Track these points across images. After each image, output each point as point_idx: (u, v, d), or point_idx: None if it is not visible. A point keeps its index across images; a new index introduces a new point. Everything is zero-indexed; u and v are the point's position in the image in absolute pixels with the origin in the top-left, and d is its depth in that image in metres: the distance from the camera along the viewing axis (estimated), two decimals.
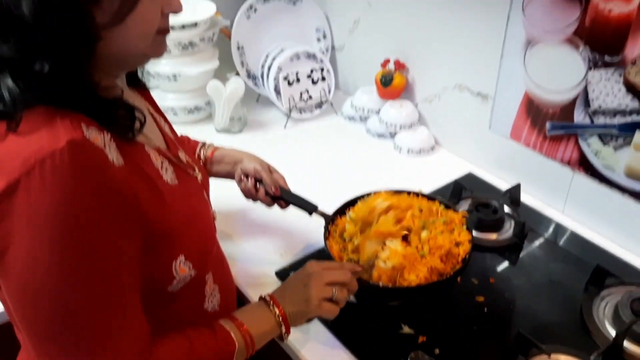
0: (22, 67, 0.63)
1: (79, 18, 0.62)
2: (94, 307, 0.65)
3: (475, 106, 1.35)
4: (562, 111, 1.17)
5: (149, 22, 0.70)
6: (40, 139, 0.61)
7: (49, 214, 0.60)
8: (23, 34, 0.62)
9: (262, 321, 0.86)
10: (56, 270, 0.62)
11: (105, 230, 0.64)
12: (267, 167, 1.12)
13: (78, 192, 0.61)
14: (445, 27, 1.35)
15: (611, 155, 1.12)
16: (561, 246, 1.18)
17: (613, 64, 1.06)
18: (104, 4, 0.64)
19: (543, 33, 1.14)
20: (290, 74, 1.59)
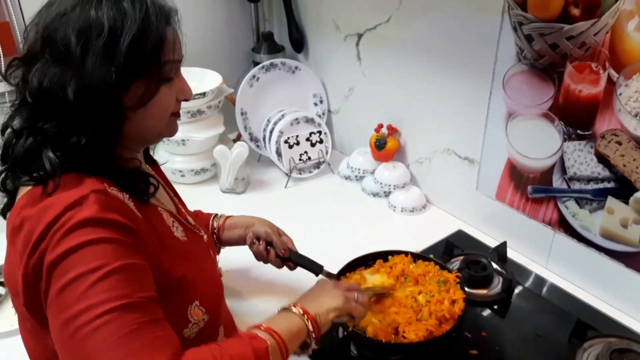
0: (61, 141, 0.76)
1: (112, 102, 0.76)
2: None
3: (463, 169, 1.48)
4: (541, 176, 1.30)
5: (166, 107, 0.84)
6: (70, 192, 0.73)
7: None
8: (65, 114, 0.75)
9: (287, 321, 0.87)
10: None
11: (132, 247, 0.74)
12: (277, 230, 1.21)
13: (103, 218, 0.72)
14: (434, 97, 1.49)
15: (587, 217, 1.23)
16: (546, 299, 1.29)
17: (585, 137, 1.19)
18: (131, 91, 0.77)
19: (522, 107, 1.28)
20: (291, 138, 1.71)
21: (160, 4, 0.80)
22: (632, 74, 1.07)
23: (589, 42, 1.11)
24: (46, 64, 0.75)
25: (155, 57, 0.78)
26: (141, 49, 0.76)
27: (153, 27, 0.76)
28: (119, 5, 0.75)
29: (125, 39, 0.74)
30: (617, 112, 1.11)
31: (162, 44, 0.78)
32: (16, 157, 0.79)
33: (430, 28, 1.42)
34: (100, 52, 0.73)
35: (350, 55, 1.70)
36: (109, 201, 0.75)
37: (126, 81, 0.76)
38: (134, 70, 0.76)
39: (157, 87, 0.80)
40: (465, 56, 1.36)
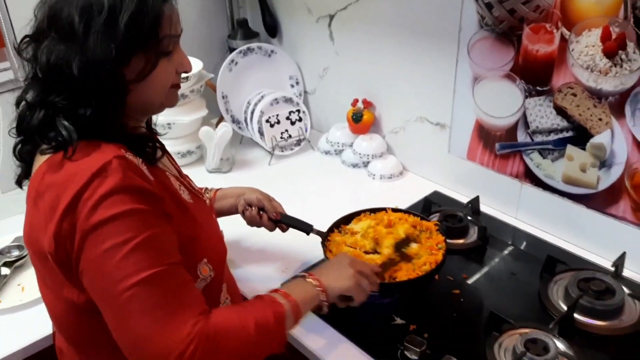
0: (71, 113, 0.82)
1: (114, 76, 0.82)
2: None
3: (435, 134, 1.59)
4: (507, 133, 1.42)
5: (165, 79, 0.89)
6: (93, 158, 0.80)
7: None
8: (72, 88, 0.81)
9: (302, 289, 0.97)
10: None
11: (155, 214, 0.82)
12: (267, 196, 1.30)
13: (128, 185, 0.79)
14: (405, 69, 1.60)
15: (550, 166, 1.36)
16: (517, 245, 1.41)
17: (544, 92, 1.31)
18: (132, 65, 0.83)
19: (486, 71, 1.40)
20: (272, 117, 1.80)
21: None
22: (581, 31, 1.19)
23: (542, 5, 1.23)
24: (53, 41, 0.81)
25: (153, 33, 0.83)
26: (139, 25, 0.81)
27: (150, 4, 0.81)
28: None
29: (124, 16, 0.79)
30: (571, 67, 1.24)
31: (160, 20, 0.83)
32: (31, 128, 0.85)
33: (398, 3, 1.52)
34: (101, 30, 0.79)
35: (323, 36, 1.80)
36: (130, 166, 0.81)
37: (126, 56, 0.81)
38: (133, 46, 0.81)
39: (157, 61, 0.85)
40: (431, 28, 1.47)
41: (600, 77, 1.19)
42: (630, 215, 1.25)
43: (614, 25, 1.15)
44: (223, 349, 0.81)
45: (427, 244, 1.24)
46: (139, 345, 0.78)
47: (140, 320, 0.77)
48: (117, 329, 0.79)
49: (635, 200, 1.23)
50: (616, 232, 1.28)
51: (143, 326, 0.77)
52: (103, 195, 0.77)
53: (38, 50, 0.83)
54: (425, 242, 1.25)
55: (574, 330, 1.13)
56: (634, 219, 1.25)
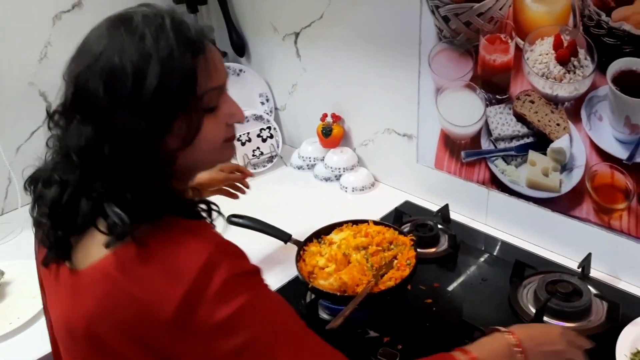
0: (116, 197, 0.72)
1: (153, 149, 0.72)
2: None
3: (403, 145, 1.62)
4: (471, 141, 1.45)
5: (214, 137, 0.78)
6: (191, 249, 0.70)
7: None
8: (111, 169, 0.71)
9: (498, 352, 0.87)
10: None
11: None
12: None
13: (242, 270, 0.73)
14: (370, 82, 1.62)
15: (514, 172, 1.39)
16: (488, 251, 1.43)
17: (503, 100, 1.34)
18: (174, 132, 0.73)
19: (447, 82, 1.43)
20: (242, 135, 1.81)
21: (186, 33, 0.74)
22: (535, 40, 1.23)
23: (497, 16, 1.27)
24: (80, 121, 0.72)
25: (189, 92, 0.73)
26: (170, 88, 0.70)
27: (177, 62, 0.71)
28: (141, 46, 0.70)
29: (151, 82, 0.69)
30: (527, 75, 1.27)
31: (193, 77, 0.73)
32: (78, 217, 0.74)
33: (360, 19, 1.55)
34: (128, 102, 0.70)
35: (290, 53, 1.82)
36: (229, 249, 0.74)
37: (163, 125, 0.72)
38: (168, 112, 0.72)
39: (200, 121, 0.74)
40: (393, 42, 1.50)
41: (556, 83, 1.23)
42: (593, 216, 1.28)
43: (564, 34, 1.18)
44: None
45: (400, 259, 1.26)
46: None
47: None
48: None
49: (597, 202, 1.26)
50: (581, 234, 1.31)
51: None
52: (215, 293, 0.68)
53: (67, 131, 0.74)
54: (399, 257, 1.26)
55: None
56: (597, 220, 1.28)
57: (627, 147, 1.17)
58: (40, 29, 1.64)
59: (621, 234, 1.25)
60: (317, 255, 1.25)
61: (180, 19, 0.75)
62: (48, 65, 1.67)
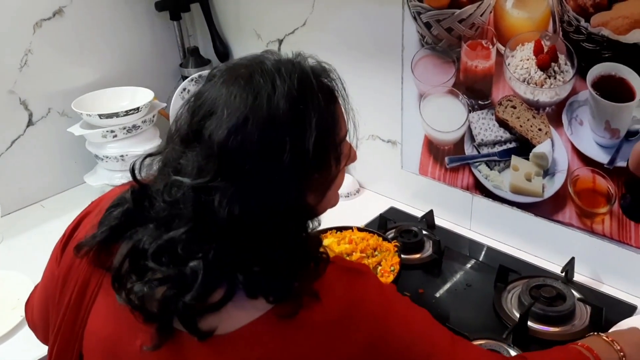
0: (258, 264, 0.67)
1: (303, 209, 0.70)
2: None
3: (388, 151, 1.62)
4: (455, 147, 1.45)
5: (340, 184, 0.80)
6: (340, 290, 0.70)
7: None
8: (261, 237, 0.66)
9: (605, 350, 0.90)
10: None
11: None
12: None
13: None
14: (354, 89, 1.58)
15: (497, 177, 1.39)
16: (472, 256, 1.43)
17: (485, 106, 1.35)
18: (313, 187, 0.71)
19: (430, 88, 1.43)
20: None
21: (323, 81, 0.72)
22: (515, 45, 1.23)
23: (478, 23, 1.27)
24: (228, 188, 0.65)
25: (336, 142, 0.72)
26: (325, 146, 0.68)
27: (329, 112, 0.70)
28: (292, 103, 0.66)
29: (310, 141, 0.66)
30: (509, 80, 1.28)
31: (338, 125, 0.72)
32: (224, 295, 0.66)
33: (343, 26, 1.55)
34: (288, 169, 0.65)
35: None
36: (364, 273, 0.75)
37: (309, 185, 0.70)
38: (321, 168, 0.70)
39: (338, 170, 0.74)
40: (376, 48, 1.50)
41: (537, 89, 1.23)
42: (576, 220, 1.29)
43: (545, 39, 1.19)
44: None
45: (384, 265, 1.25)
46: None
47: None
48: None
49: (580, 206, 1.27)
50: (564, 238, 1.32)
51: None
52: (383, 308, 0.71)
53: (213, 203, 0.65)
54: (383, 264, 1.26)
55: (527, 338, 1.15)
56: (580, 224, 1.28)
57: (608, 152, 1.18)
58: (21, 36, 1.63)
59: (603, 237, 1.25)
60: None
61: (315, 65, 0.72)
62: (29, 73, 1.65)
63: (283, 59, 0.71)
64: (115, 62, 1.85)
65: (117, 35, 1.81)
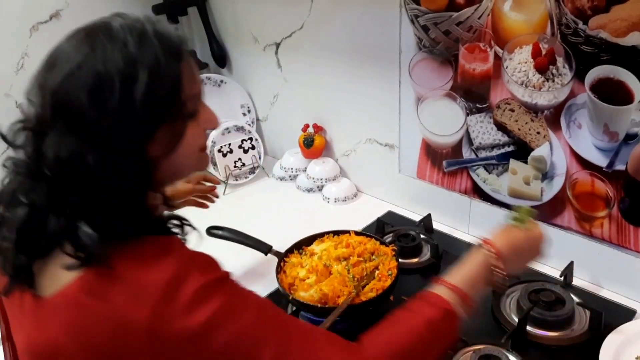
0: (91, 211, 0.69)
1: (138, 158, 0.70)
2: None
3: (385, 155, 1.61)
4: (453, 150, 1.44)
5: (195, 142, 0.78)
6: (158, 267, 0.69)
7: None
8: (90, 183, 0.69)
9: (472, 269, 0.93)
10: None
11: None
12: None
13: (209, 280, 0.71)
14: (351, 92, 1.62)
15: (496, 181, 1.39)
16: None
17: (483, 109, 1.34)
18: (157, 139, 0.71)
19: (427, 91, 1.42)
20: (224, 146, 1.79)
21: (168, 40, 0.73)
22: (513, 48, 1.23)
23: (475, 25, 1.27)
24: (60, 132, 0.68)
25: (174, 99, 0.72)
26: (158, 95, 0.70)
27: (164, 68, 0.70)
28: (125, 53, 0.69)
29: (139, 90, 0.68)
30: (507, 83, 1.27)
31: (179, 82, 0.72)
32: (45, 238, 0.71)
33: (340, 29, 1.55)
34: (115, 111, 0.68)
35: (271, 64, 1.81)
36: (198, 261, 0.73)
37: (149, 132, 0.71)
38: (156, 119, 0.71)
39: (184, 127, 0.74)
40: (373, 51, 1.50)
41: (535, 92, 1.23)
42: (575, 224, 1.28)
43: (543, 42, 1.18)
44: None
45: (381, 269, 1.24)
46: None
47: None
48: None
49: (578, 210, 1.26)
50: (563, 242, 1.31)
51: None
52: (187, 304, 0.68)
53: (42, 144, 0.69)
54: (381, 268, 1.25)
55: (526, 343, 1.14)
56: (578, 228, 1.28)
57: (607, 155, 1.17)
58: (17, 39, 1.62)
59: (602, 241, 1.24)
60: (298, 267, 1.24)
61: (160, 26, 0.74)
62: (25, 77, 1.62)
63: (130, 19, 0.74)
64: None
65: None
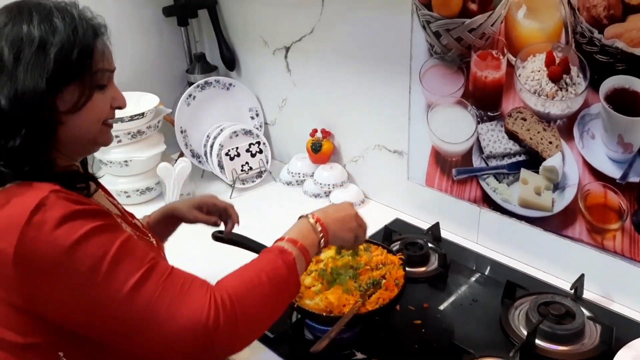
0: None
1: (44, 107, 0.81)
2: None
3: (394, 161, 1.59)
4: (463, 158, 1.42)
5: (99, 112, 0.89)
6: (27, 197, 0.77)
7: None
8: (0, 121, 0.80)
9: (307, 235, 0.98)
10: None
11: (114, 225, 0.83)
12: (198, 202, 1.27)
13: (74, 210, 0.78)
14: (360, 98, 1.60)
15: (506, 190, 1.36)
16: (479, 270, 1.40)
17: (495, 117, 1.32)
18: (65, 97, 0.83)
19: (438, 98, 1.41)
20: (231, 150, 1.78)
21: (88, 18, 0.87)
22: (527, 56, 1.21)
23: (488, 32, 1.25)
24: None
25: (85, 65, 0.84)
26: (69, 56, 0.82)
27: (80, 37, 0.83)
28: (49, 20, 0.82)
29: (54, 47, 0.80)
30: (519, 92, 1.25)
31: (91, 52, 0.85)
32: None
33: (350, 34, 1.54)
34: (30, 61, 0.80)
35: (280, 68, 1.80)
36: (70, 196, 0.80)
37: (57, 87, 0.82)
38: (64, 76, 0.82)
39: (91, 93, 0.86)
40: (384, 57, 1.48)
41: (548, 101, 1.21)
42: (586, 236, 1.26)
43: (557, 50, 1.16)
44: (243, 307, 0.83)
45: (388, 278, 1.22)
46: (165, 331, 0.78)
47: (156, 309, 0.78)
48: (137, 332, 0.79)
49: (590, 222, 1.24)
50: (574, 254, 1.28)
51: (161, 313, 0.78)
52: (53, 227, 0.75)
53: None
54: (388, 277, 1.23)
55: (535, 357, 1.12)
56: (590, 240, 1.25)
57: (621, 166, 1.15)
58: None
59: (614, 254, 1.22)
60: (304, 274, 1.22)
61: (84, 10, 0.87)
62: None
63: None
64: (122, 66, 1.80)
65: (124, 39, 1.80)
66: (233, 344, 0.84)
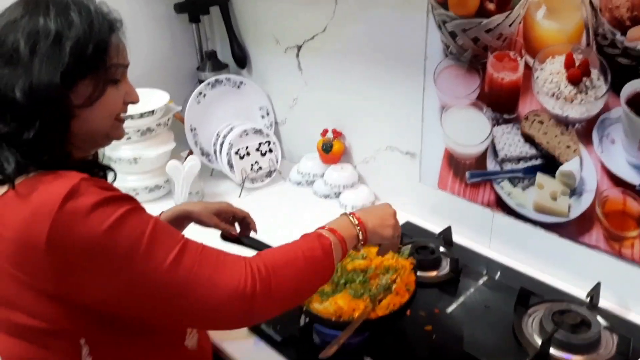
0: (15, 139, 0.80)
1: (59, 100, 0.81)
2: None
3: (406, 163, 1.56)
4: (477, 161, 1.40)
5: (113, 107, 0.89)
6: (56, 185, 0.77)
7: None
8: (16, 113, 0.80)
9: (346, 228, 1.00)
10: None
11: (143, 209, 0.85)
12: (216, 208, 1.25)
13: (108, 196, 0.78)
14: (373, 98, 1.58)
15: (521, 195, 1.33)
16: (491, 276, 1.37)
17: (511, 120, 1.29)
18: (79, 90, 0.83)
19: (453, 99, 1.38)
20: (241, 149, 1.76)
21: (105, 13, 0.87)
22: (545, 58, 1.18)
23: (505, 33, 1.22)
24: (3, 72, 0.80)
25: (100, 59, 0.84)
26: (85, 50, 0.81)
27: (96, 31, 0.83)
28: (66, 13, 0.82)
29: (70, 41, 0.80)
30: (536, 94, 1.22)
31: (106, 47, 0.85)
32: None
33: (364, 33, 1.51)
34: (46, 54, 0.79)
35: (291, 66, 1.77)
36: (99, 182, 0.80)
37: (72, 81, 0.81)
38: (79, 70, 0.82)
39: (104, 88, 0.86)
40: (397, 57, 1.46)
41: (566, 104, 1.18)
42: (603, 244, 1.22)
43: (577, 52, 1.13)
44: (277, 276, 0.86)
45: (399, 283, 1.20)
46: (208, 297, 0.81)
47: (198, 278, 0.80)
48: (179, 301, 0.81)
49: (608, 229, 1.21)
50: (590, 262, 1.25)
51: (203, 281, 0.80)
52: (87, 213, 0.76)
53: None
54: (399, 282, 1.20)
55: None
56: (607, 248, 1.22)
57: None
58: None
59: (632, 262, 1.19)
60: None
61: (101, 5, 0.87)
62: None
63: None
64: (132, 62, 1.80)
65: (135, 36, 1.74)
66: (270, 307, 0.87)
